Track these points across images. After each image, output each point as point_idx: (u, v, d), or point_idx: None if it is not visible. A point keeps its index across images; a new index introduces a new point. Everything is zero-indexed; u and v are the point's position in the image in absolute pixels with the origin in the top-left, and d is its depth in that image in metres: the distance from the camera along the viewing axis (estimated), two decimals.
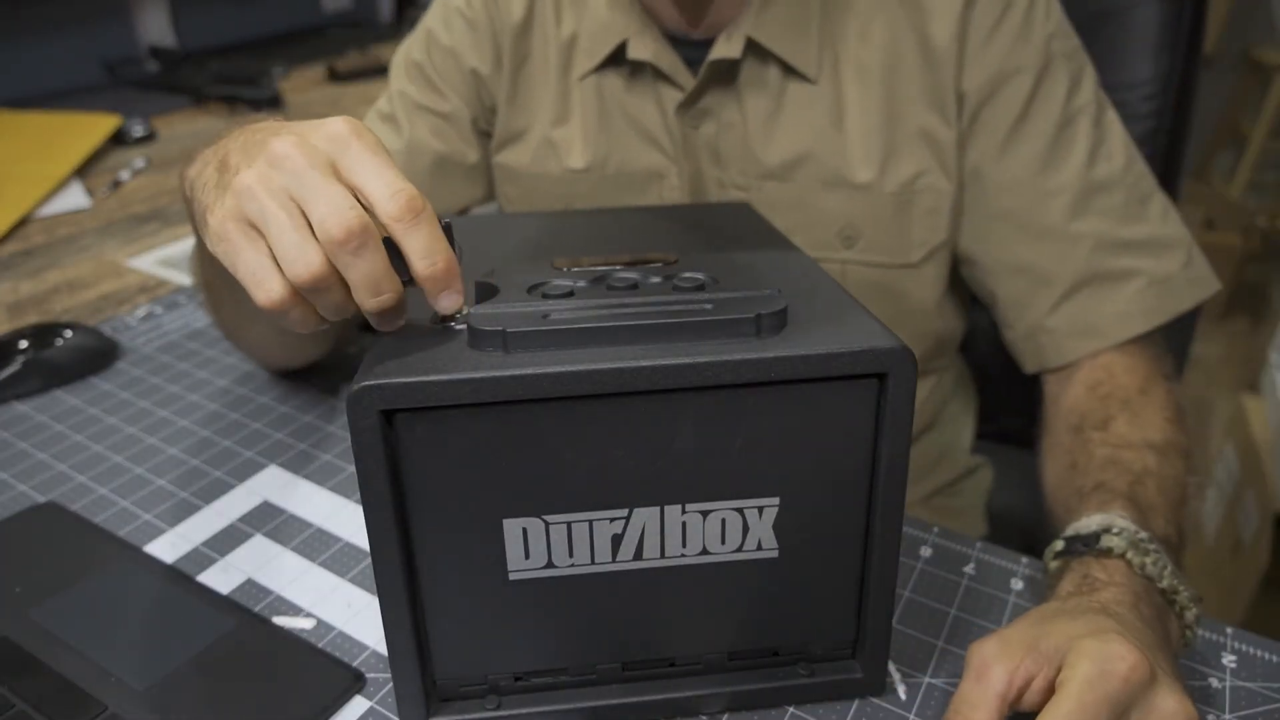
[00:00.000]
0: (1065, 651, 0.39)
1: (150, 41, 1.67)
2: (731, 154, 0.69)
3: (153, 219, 1.06)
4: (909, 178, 0.65)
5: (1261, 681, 0.45)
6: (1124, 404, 0.60)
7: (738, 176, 0.69)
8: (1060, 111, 0.63)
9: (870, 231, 0.67)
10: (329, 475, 0.62)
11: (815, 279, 0.45)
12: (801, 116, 0.66)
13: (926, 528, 0.56)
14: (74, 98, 1.48)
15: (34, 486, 0.61)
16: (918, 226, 0.66)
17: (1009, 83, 0.63)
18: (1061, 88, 0.64)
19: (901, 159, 0.65)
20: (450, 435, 0.37)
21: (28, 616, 0.49)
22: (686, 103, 0.68)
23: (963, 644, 0.48)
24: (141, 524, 0.57)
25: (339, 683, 0.46)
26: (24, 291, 0.89)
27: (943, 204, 0.66)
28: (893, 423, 0.38)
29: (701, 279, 0.42)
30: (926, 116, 0.65)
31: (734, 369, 0.36)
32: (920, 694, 0.45)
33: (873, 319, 0.40)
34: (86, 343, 0.75)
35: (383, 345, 0.39)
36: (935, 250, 0.67)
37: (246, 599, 0.51)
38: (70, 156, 1.19)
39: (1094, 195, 0.63)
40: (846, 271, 0.69)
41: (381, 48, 1.81)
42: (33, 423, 0.68)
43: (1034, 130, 0.64)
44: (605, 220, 0.59)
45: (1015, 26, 0.63)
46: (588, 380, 0.36)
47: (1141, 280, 0.63)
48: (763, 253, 0.50)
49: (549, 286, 0.42)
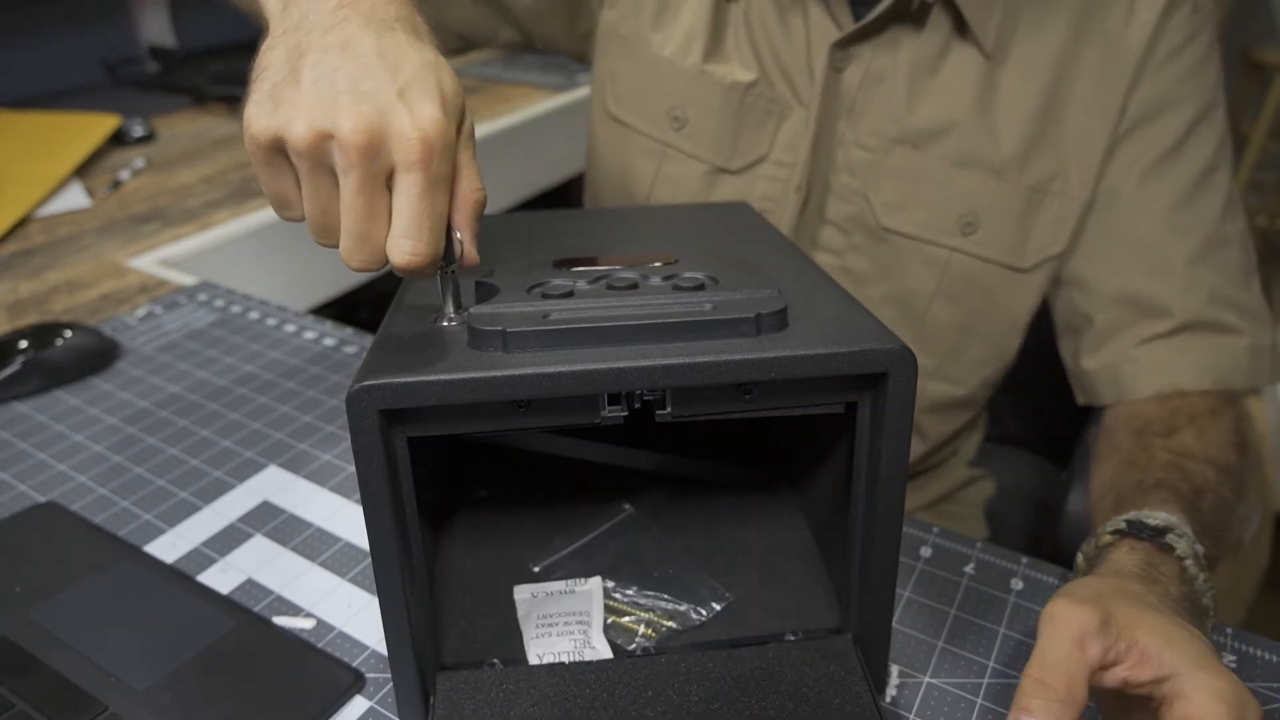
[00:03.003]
0: (1173, 669, 0.36)
1: (150, 41, 1.67)
2: (870, 108, 0.65)
3: (153, 219, 1.06)
4: (1046, 176, 0.63)
5: (1261, 681, 0.45)
6: (1191, 419, 0.60)
7: (866, 136, 0.66)
8: (1210, 156, 0.62)
9: (992, 222, 0.64)
10: (329, 475, 0.62)
11: (814, 279, 0.45)
12: (956, 84, 0.63)
13: (926, 528, 0.56)
14: (74, 98, 1.48)
15: (34, 486, 0.61)
16: (1040, 230, 0.64)
17: (1173, 110, 0.61)
18: (1215, 135, 0.62)
19: (1045, 155, 0.63)
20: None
21: (28, 616, 0.49)
22: (845, 40, 0.63)
23: (963, 644, 0.48)
24: (141, 524, 0.57)
25: (339, 683, 0.46)
26: (24, 291, 0.89)
27: (1070, 213, 0.64)
28: (893, 421, 0.38)
29: (701, 279, 0.42)
30: (1086, 119, 0.62)
31: (735, 369, 0.36)
32: (920, 694, 0.45)
33: (873, 318, 0.40)
34: (86, 343, 0.75)
35: (382, 345, 0.38)
36: (1046, 261, 0.65)
37: (246, 599, 0.51)
38: (70, 156, 1.19)
39: (1219, 248, 0.62)
40: (952, 261, 0.66)
41: None
42: (33, 423, 0.68)
43: (1182, 166, 0.62)
44: (605, 220, 0.59)
45: (1195, 58, 0.61)
46: (588, 380, 0.36)
47: (1245, 340, 0.62)
48: (762, 253, 0.50)
49: (549, 286, 0.41)
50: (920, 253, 0.67)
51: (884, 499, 0.40)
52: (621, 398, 0.37)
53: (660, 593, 0.47)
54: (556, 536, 0.51)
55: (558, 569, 0.49)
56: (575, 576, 0.48)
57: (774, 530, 0.52)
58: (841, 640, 0.44)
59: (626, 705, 0.41)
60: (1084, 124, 0.62)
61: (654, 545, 0.51)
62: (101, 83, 1.59)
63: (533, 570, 0.49)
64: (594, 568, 0.49)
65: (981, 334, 0.69)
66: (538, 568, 0.49)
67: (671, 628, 0.45)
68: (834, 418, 0.41)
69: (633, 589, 0.48)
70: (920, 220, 0.65)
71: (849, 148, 0.66)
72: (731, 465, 0.56)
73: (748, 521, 0.52)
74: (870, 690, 0.41)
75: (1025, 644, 0.48)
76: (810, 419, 0.42)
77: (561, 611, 0.46)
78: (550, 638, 0.45)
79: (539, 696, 0.41)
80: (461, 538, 0.51)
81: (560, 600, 0.47)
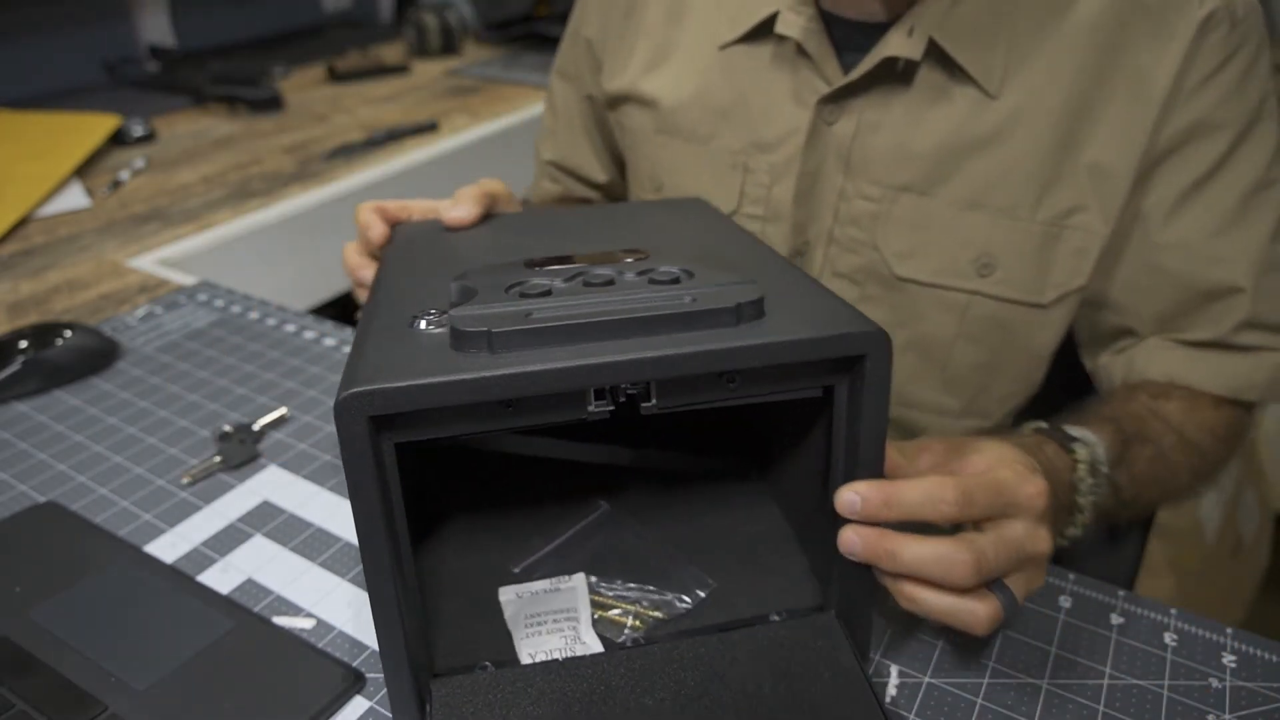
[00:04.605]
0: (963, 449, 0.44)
1: (150, 41, 1.67)
2: (866, 159, 0.63)
3: (153, 219, 1.06)
4: (1064, 210, 0.60)
5: (1261, 681, 0.45)
6: (1189, 397, 0.60)
7: (868, 186, 0.63)
8: (1257, 175, 0.59)
9: (1010, 261, 0.62)
10: (329, 475, 0.62)
11: (782, 268, 0.46)
12: (959, 125, 0.60)
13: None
14: (74, 98, 1.48)
15: (34, 486, 0.61)
16: (1060, 265, 0.61)
17: (1206, 137, 0.58)
18: (1263, 151, 0.59)
19: (1062, 189, 0.60)
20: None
21: (28, 616, 0.49)
22: (831, 96, 0.62)
23: (963, 644, 0.48)
24: (141, 524, 0.57)
25: (339, 683, 0.46)
26: (24, 291, 0.89)
27: (1092, 247, 0.60)
28: (871, 402, 0.39)
29: (676, 273, 0.42)
30: (1108, 151, 0.59)
31: (720, 357, 0.37)
32: (920, 694, 0.45)
33: (845, 304, 0.41)
34: (86, 343, 0.75)
35: (361, 352, 0.38)
36: (1069, 295, 0.63)
37: (246, 599, 0.51)
38: (70, 156, 1.19)
39: (1270, 272, 0.60)
40: (971, 305, 0.63)
41: (381, 48, 1.81)
42: (33, 423, 0.68)
43: (1218, 193, 0.59)
44: (566, 219, 0.59)
45: (1233, 78, 0.57)
46: (578, 376, 0.36)
47: (1274, 358, 0.61)
48: (728, 245, 0.51)
49: (527, 286, 0.42)
50: (938, 299, 0.65)
51: (863, 477, 0.41)
52: (607, 392, 0.38)
53: (644, 584, 0.48)
54: (534, 537, 0.51)
55: (538, 569, 0.49)
56: (558, 575, 0.49)
57: (748, 518, 0.53)
58: (825, 616, 0.45)
59: (625, 695, 0.41)
60: (1107, 157, 0.59)
61: (633, 539, 0.51)
62: (101, 83, 1.59)
63: (514, 572, 0.49)
64: (575, 565, 0.49)
65: (1007, 370, 0.67)
66: (518, 569, 0.49)
67: (658, 617, 0.46)
68: (806, 405, 0.43)
69: (617, 583, 0.48)
70: (934, 267, 0.63)
71: (851, 200, 0.64)
72: (702, 457, 0.57)
73: (721, 511, 0.53)
74: (858, 661, 0.43)
75: (1026, 644, 0.48)
76: (783, 408, 0.43)
77: (549, 610, 0.47)
78: (540, 636, 0.45)
79: (537, 695, 0.41)
80: (437, 545, 0.51)
81: (546, 599, 0.47)
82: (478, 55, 1.81)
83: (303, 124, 1.40)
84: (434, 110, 1.45)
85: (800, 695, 0.41)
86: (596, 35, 0.77)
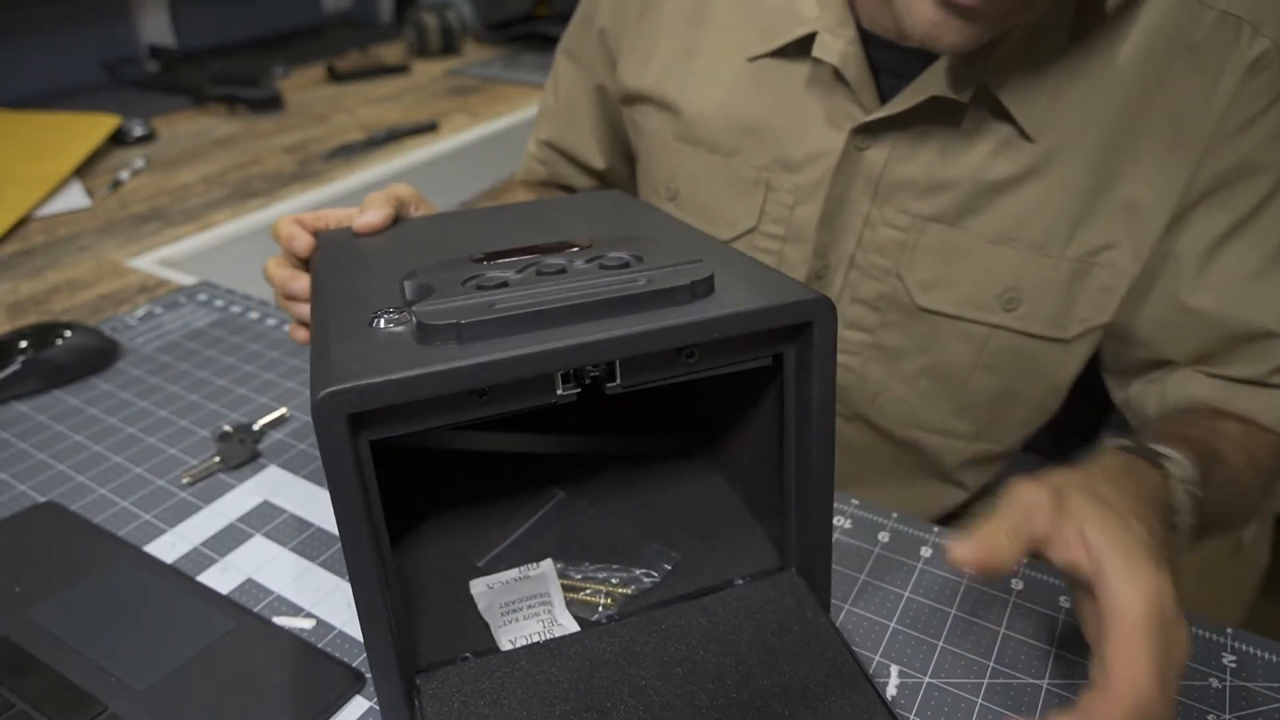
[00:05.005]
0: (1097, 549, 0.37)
1: (150, 41, 1.67)
2: (896, 187, 0.62)
3: (153, 219, 1.06)
4: (1095, 248, 0.59)
5: (1261, 681, 0.46)
6: (1242, 420, 0.59)
7: (895, 214, 0.62)
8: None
9: (1036, 296, 0.61)
10: None
11: (719, 249, 0.48)
12: (993, 161, 0.59)
13: (927, 528, 0.56)
14: (74, 98, 1.48)
15: (34, 486, 0.61)
16: (1085, 301, 0.61)
17: (1246, 180, 0.57)
18: None
19: (1094, 226, 0.59)
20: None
21: (28, 616, 0.49)
22: (867, 126, 0.61)
23: (963, 644, 0.48)
24: (141, 524, 0.57)
25: (339, 683, 0.46)
26: (24, 291, 0.89)
27: (1119, 285, 0.60)
28: (819, 364, 0.41)
29: (625, 258, 0.44)
30: (1145, 189, 0.57)
31: (681, 332, 0.38)
32: (920, 694, 0.45)
33: (787, 277, 0.43)
34: (86, 343, 0.75)
35: (324, 355, 0.38)
36: (1092, 330, 0.62)
37: (246, 599, 0.51)
38: (70, 156, 1.19)
39: None
40: (993, 337, 0.62)
41: (381, 48, 1.81)
42: (33, 423, 0.68)
43: (1257, 236, 0.57)
44: (498, 216, 0.59)
45: (1278, 120, 0.56)
46: (549, 360, 0.37)
47: None
48: (662, 231, 0.53)
49: (483, 279, 0.42)
50: (960, 330, 0.64)
51: (816, 437, 0.43)
52: (572, 375, 0.39)
53: (610, 564, 0.49)
54: (494, 531, 0.52)
55: (502, 561, 0.50)
56: (524, 564, 0.49)
57: (699, 492, 0.55)
58: (787, 575, 0.47)
59: (611, 668, 0.42)
60: (1143, 195, 0.58)
61: (592, 523, 0.53)
62: (101, 83, 1.59)
63: (477, 566, 0.50)
64: (539, 553, 0.50)
65: (1024, 399, 0.67)
66: (481, 563, 0.50)
67: (629, 594, 0.47)
68: (752, 380, 0.46)
69: (584, 565, 0.49)
70: (959, 299, 0.62)
71: (877, 228, 0.63)
72: (649, 439, 0.59)
73: (673, 489, 0.55)
74: (823, 612, 0.45)
75: (1026, 644, 0.48)
76: (728, 385, 0.46)
77: (521, 597, 0.47)
78: (518, 623, 0.46)
79: (525, 677, 0.41)
80: (404, 546, 0.51)
81: (517, 587, 0.48)
82: (478, 55, 1.81)
83: (303, 124, 1.41)
84: (434, 110, 1.45)
85: (776, 648, 0.43)
86: (610, 25, 0.75)
